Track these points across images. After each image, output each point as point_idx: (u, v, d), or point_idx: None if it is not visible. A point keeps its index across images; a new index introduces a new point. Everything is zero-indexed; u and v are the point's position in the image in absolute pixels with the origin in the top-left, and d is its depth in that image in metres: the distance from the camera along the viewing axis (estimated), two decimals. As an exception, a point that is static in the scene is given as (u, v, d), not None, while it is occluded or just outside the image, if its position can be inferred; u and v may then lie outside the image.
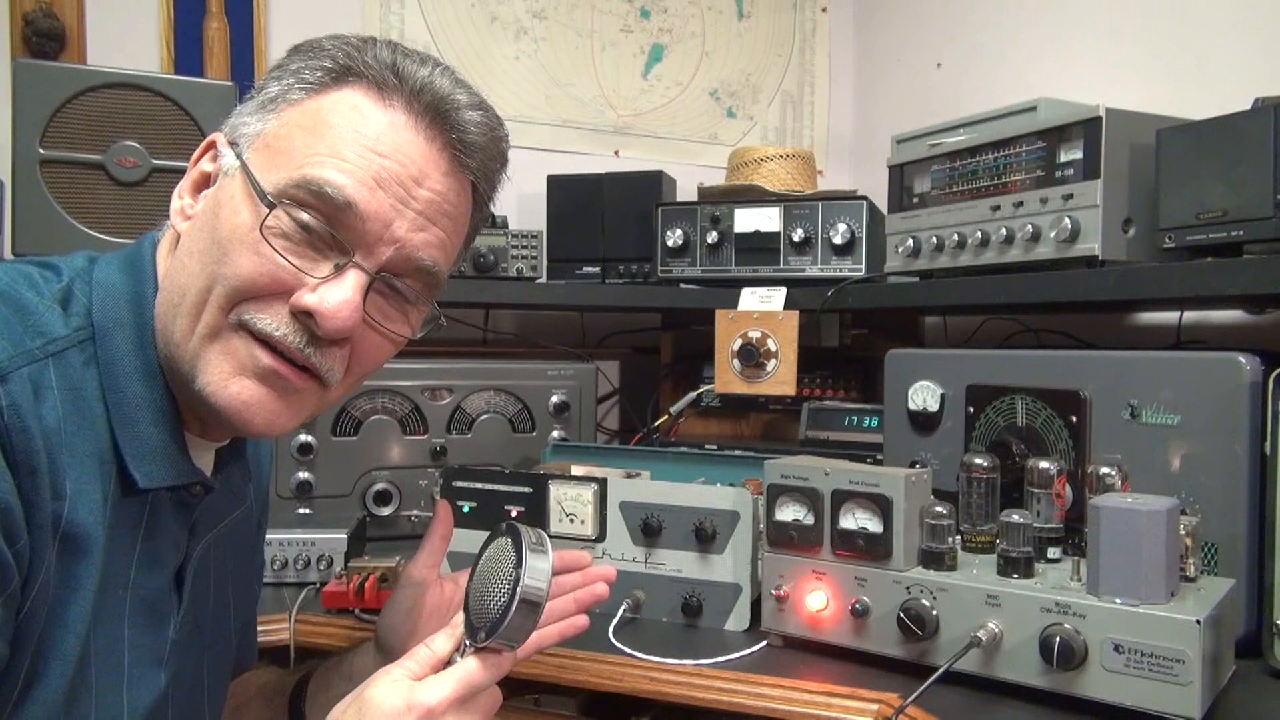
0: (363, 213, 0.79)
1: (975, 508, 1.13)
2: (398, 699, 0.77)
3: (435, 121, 0.83)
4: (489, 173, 0.90)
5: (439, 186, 0.84)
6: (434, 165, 0.83)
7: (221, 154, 0.84)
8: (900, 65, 2.56)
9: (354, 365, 0.86)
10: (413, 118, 0.82)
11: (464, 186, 0.88)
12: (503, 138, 0.91)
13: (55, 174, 1.52)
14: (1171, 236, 1.26)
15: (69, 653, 0.76)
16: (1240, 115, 1.19)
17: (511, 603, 0.77)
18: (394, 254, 0.82)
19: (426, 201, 0.83)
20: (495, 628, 0.78)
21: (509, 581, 0.79)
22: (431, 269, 0.85)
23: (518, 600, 0.77)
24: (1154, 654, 0.92)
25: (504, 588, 0.79)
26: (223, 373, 0.79)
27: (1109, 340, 1.81)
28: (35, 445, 0.72)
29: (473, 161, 0.86)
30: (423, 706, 0.76)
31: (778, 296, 1.83)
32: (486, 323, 2.30)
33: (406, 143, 0.82)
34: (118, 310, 0.82)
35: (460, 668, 0.79)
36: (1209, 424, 1.12)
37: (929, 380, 1.43)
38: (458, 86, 0.85)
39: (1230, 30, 1.68)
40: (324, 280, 0.79)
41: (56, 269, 0.83)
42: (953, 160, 1.58)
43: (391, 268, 0.83)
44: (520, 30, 2.46)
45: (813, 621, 1.14)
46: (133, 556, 0.82)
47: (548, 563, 0.79)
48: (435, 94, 0.83)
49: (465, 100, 0.85)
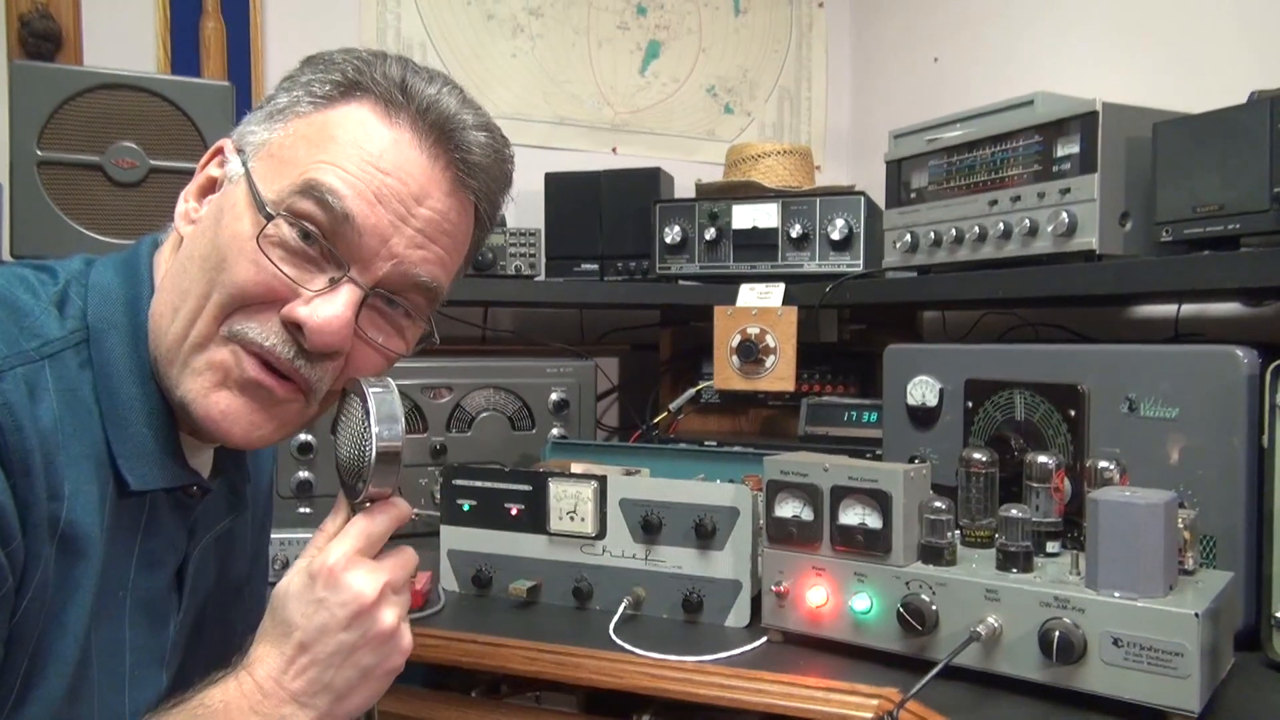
0: (360, 227, 0.79)
1: (974, 502, 1.13)
2: (300, 577, 0.79)
3: (440, 141, 0.83)
4: (491, 194, 0.90)
5: (440, 205, 0.84)
6: (436, 184, 0.83)
7: (228, 160, 0.85)
8: (897, 60, 2.56)
9: (345, 379, 0.86)
10: (417, 136, 0.83)
11: (465, 206, 0.87)
12: (508, 159, 0.91)
13: (53, 175, 1.52)
14: (1169, 230, 1.26)
15: (68, 654, 0.76)
16: (1237, 109, 1.19)
17: (372, 452, 0.80)
18: (391, 270, 0.82)
19: (426, 220, 0.83)
20: (367, 478, 0.81)
21: (366, 435, 0.81)
22: (430, 285, 0.85)
23: (376, 450, 0.80)
24: (1153, 647, 0.92)
25: (364, 443, 0.81)
26: (205, 383, 0.80)
27: (1107, 334, 1.81)
28: (30, 445, 0.72)
29: (475, 182, 0.86)
30: (323, 569, 0.78)
31: (776, 292, 1.83)
32: (485, 321, 2.30)
33: (409, 161, 0.82)
34: (113, 313, 0.82)
35: (349, 525, 0.81)
36: (1207, 417, 1.12)
37: (928, 375, 1.43)
38: (464, 106, 0.85)
39: (1226, 24, 1.68)
40: (318, 293, 0.80)
41: (53, 272, 0.84)
42: (950, 155, 1.58)
43: (388, 284, 0.83)
44: (517, 27, 2.46)
45: (812, 617, 1.14)
46: (132, 557, 0.82)
47: (395, 405, 0.82)
48: (441, 113, 0.83)
49: (471, 121, 0.85)
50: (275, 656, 0.77)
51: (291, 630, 0.77)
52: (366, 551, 0.80)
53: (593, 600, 1.31)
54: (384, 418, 0.81)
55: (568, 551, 1.33)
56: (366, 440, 0.81)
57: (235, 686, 0.77)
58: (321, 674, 0.77)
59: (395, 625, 0.80)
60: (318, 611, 0.77)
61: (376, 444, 0.80)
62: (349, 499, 0.84)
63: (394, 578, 0.81)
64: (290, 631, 0.77)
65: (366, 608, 0.78)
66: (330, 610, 0.77)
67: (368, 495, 0.82)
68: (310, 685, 0.77)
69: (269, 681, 0.77)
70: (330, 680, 0.77)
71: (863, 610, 1.10)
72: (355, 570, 0.78)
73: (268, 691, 0.76)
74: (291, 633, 0.77)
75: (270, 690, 0.76)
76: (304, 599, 0.78)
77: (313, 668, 0.77)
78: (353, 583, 0.78)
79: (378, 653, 0.79)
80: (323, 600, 0.77)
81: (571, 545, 1.32)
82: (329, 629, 0.77)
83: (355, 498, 0.83)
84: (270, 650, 0.78)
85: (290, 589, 0.79)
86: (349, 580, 0.78)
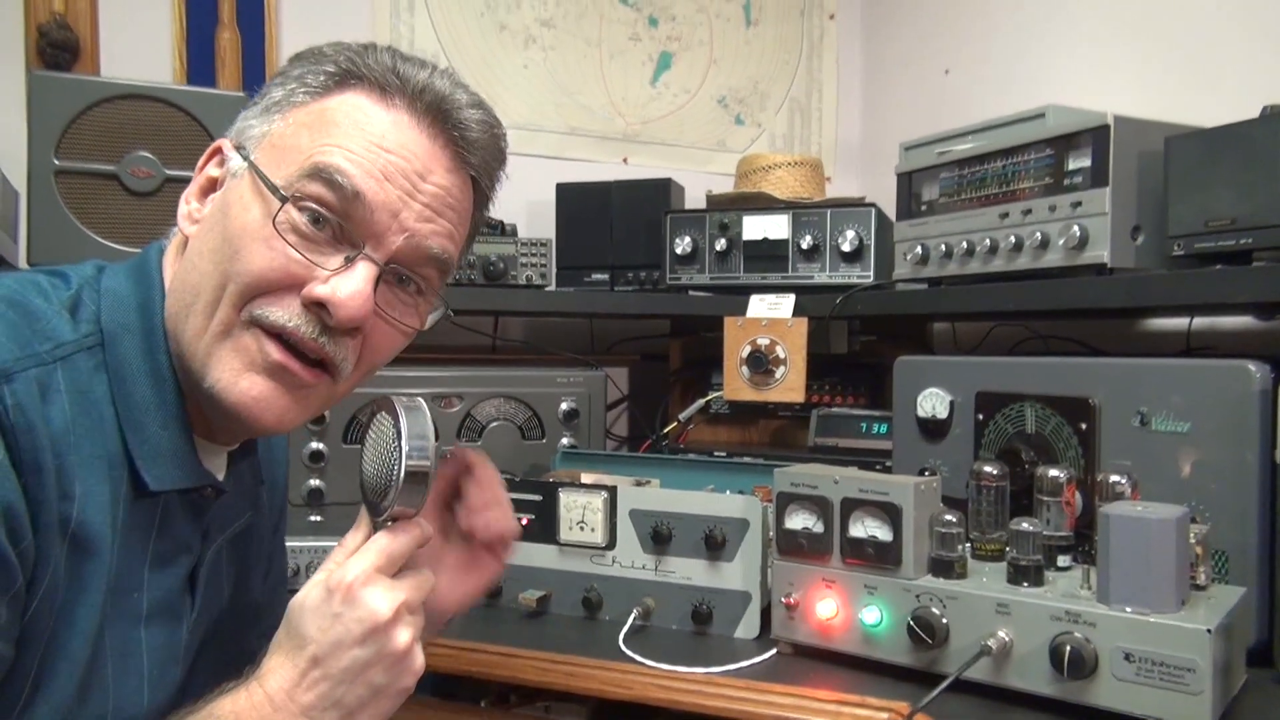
0: (371, 203, 0.81)
1: (985, 515, 1.13)
2: (318, 590, 0.79)
3: (437, 120, 0.85)
4: (489, 169, 0.92)
5: (443, 181, 0.86)
6: (437, 161, 0.86)
7: (228, 158, 0.86)
8: (908, 72, 2.56)
9: (365, 356, 0.87)
10: (415, 117, 0.85)
11: (466, 183, 0.90)
12: (501, 135, 0.93)
13: (69, 184, 1.53)
14: (1181, 244, 1.26)
15: (78, 653, 0.77)
16: (1249, 123, 1.19)
17: (400, 470, 0.79)
18: (403, 243, 0.83)
19: (432, 195, 0.85)
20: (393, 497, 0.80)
21: (395, 454, 0.80)
22: (441, 256, 0.87)
23: (404, 468, 0.79)
24: (1165, 663, 0.92)
25: (393, 461, 0.80)
26: (233, 369, 0.81)
27: (1119, 346, 1.81)
28: (41, 444, 0.73)
29: (474, 158, 0.89)
30: (341, 584, 0.78)
31: (786, 303, 1.84)
32: (496, 330, 2.30)
33: (410, 140, 0.84)
34: (126, 316, 0.83)
35: (371, 542, 0.81)
36: (1219, 431, 1.12)
37: (938, 387, 1.43)
38: (456, 87, 0.88)
39: (1239, 38, 1.67)
40: (335, 272, 0.81)
41: (65, 276, 0.85)
42: (961, 167, 1.58)
43: (401, 258, 0.84)
44: (529, 39, 2.47)
45: (822, 629, 1.14)
46: (145, 558, 0.83)
47: (426, 424, 0.81)
48: (436, 94, 0.85)
49: (465, 99, 0.88)
50: (288, 668, 0.78)
51: (306, 643, 0.77)
52: (386, 570, 0.80)
53: (602, 611, 1.31)
54: (414, 436, 0.80)
55: (577, 561, 1.33)
56: (395, 458, 0.80)
57: (246, 697, 0.77)
58: (333, 689, 0.77)
59: (409, 646, 0.80)
60: (333, 626, 0.77)
61: (405, 463, 0.80)
62: (372, 516, 0.83)
63: (410, 598, 0.81)
64: (304, 644, 0.77)
65: (381, 626, 0.78)
66: (345, 626, 0.77)
67: (392, 514, 0.82)
68: (320, 700, 0.77)
69: (280, 694, 0.77)
70: (341, 696, 0.77)
71: (873, 623, 1.10)
72: (373, 588, 0.78)
73: (278, 704, 0.77)
74: (305, 646, 0.77)
75: (280, 703, 0.77)
76: (320, 613, 0.78)
77: (324, 682, 0.77)
78: (369, 600, 0.78)
79: (390, 672, 0.79)
80: (339, 615, 0.77)
81: (581, 555, 1.32)
82: (343, 644, 0.77)
83: (379, 515, 0.82)
84: (283, 662, 0.78)
85: (307, 602, 0.79)
86: (366, 597, 0.78)
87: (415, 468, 0.80)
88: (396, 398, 0.83)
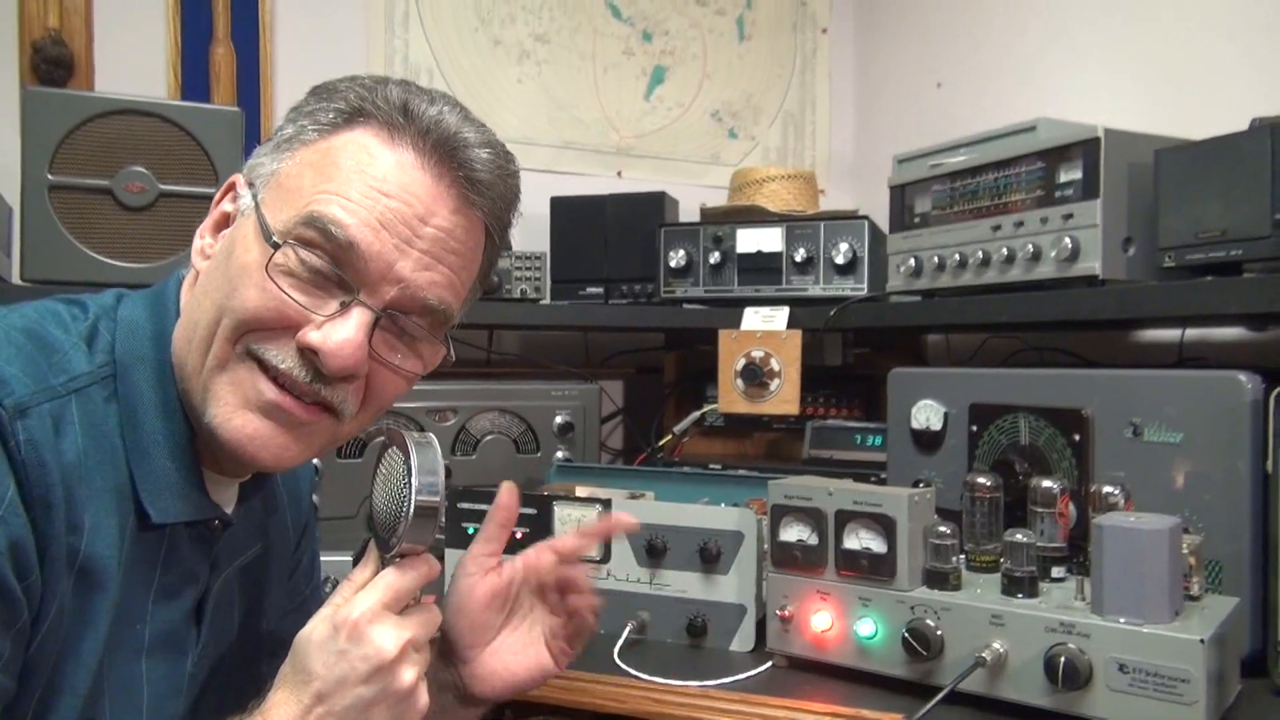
0: (365, 253, 0.80)
1: (979, 527, 1.13)
2: (324, 626, 0.78)
3: (443, 159, 0.84)
4: (499, 210, 0.89)
5: (446, 224, 0.84)
6: (441, 202, 0.84)
7: (240, 195, 0.86)
8: (900, 85, 2.58)
9: (369, 400, 0.86)
10: (420, 156, 0.83)
11: (473, 224, 0.87)
12: (513, 174, 0.91)
13: (63, 200, 1.53)
14: (1171, 255, 1.27)
15: (80, 685, 0.76)
16: (1238, 135, 1.20)
17: (411, 507, 0.79)
18: (399, 293, 0.82)
19: (432, 239, 0.83)
20: (402, 533, 0.80)
21: (405, 490, 0.80)
22: (437, 308, 0.85)
23: (415, 504, 0.79)
24: (1159, 674, 0.92)
25: (403, 496, 0.80)
26: (229, 405, 0.80)
27: (1111, 358, 1.82)
28: (52, 479, 0.72)
29: (481, 198, 0.86)
30: (347, 621, 0.77)
31: (780, 316, 1.84)
32: (490, 343, 2.30)
33: (414, 181, 0.82)
34: (140, 347, 0.83)
35: (378, 578, 0.81)
36: (1211, 442, 1.12)
37: (932, 399, 1.43)
38: (466, 124, 0.85)
39: (1228, 51, 1.69)
40: (329, 318, 0.80)
41: (84, 306, 0.85)
42: (953, 180, 1.59)
43: (397, 305, 0.83)
44: (523, 54, 2.48)
45: (817, 642, 1.14)
46: (150, 590, 0.83)
47: (436, 460, 0.81)
48: (443, 132, 0.83)
49: (474, 138, 0.85)
50: (292, 703, 0.76)
51: (311, 679, 0.77)
52: (393, 606, 0.80)
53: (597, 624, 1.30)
54: (425, 471, 0.80)
55: (572, 575, 1.32)
56: (405, 494, 0.80)
57: None
58: None
59: (414, 684, 0.79)
60: (338, 663, 0.76)
61: (415, 498, 0.79)
62: (380, 551, 0.83)
63: (416, 635, 0.80)
64: (309, 680, 0.77)
65: (387, 664, 0.77)
66: (351, 663, 0.76)
67: (400, 550, 0.81)
68: None
69: None
70: None
71: (867, 635, 1.10)
72: (379, 625, 0.78)
73: None
74: (310, 681, 0.77)
75: None
76: (326, 649, 0.77)
77: (328, 719, 0.76)
78: (375, 637, 0.77)
79: (394, 711, 0.79)
80: (344, 652, 0.76)
81: (576, 569, 1.32)
82: (348, 682, 0.76)
83: (387, 550, 0.82)
84: (288, 696, 0.77)
85: (313, 637, 0.78)
86: (372, 635, 0.77)
87: (425, 504, 0.79)
88: (408, 432, 0.82)
